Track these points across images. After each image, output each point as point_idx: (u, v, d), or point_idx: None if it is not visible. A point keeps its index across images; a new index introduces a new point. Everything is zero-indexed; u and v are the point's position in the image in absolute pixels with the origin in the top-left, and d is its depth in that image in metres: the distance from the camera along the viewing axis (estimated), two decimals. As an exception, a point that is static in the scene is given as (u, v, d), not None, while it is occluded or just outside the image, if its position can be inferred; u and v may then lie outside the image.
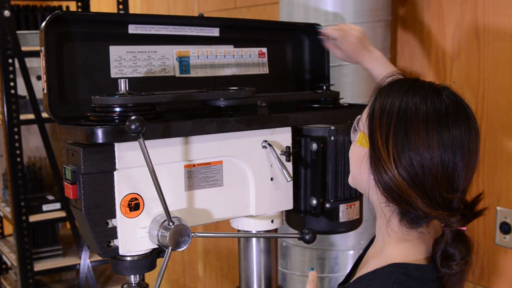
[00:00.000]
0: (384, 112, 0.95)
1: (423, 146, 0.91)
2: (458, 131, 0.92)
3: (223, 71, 1.43)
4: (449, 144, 0.91)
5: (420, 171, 0.91)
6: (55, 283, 3.18)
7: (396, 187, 0.93)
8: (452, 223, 0.92)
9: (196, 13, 2.75)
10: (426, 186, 0.92)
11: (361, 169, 1.00)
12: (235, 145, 1.21)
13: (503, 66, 1.69)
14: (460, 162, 0.92)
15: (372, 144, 0.96)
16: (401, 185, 0.92)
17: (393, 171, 0.92)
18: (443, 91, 0.96)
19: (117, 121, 1.07)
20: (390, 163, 0.92)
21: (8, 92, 2.62)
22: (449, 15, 1.82)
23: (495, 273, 1.76)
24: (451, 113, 0.93)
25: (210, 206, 1.20)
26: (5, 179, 3.11)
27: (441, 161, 0.91)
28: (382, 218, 1.01)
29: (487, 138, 1.75)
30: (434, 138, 0.91)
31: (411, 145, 0.91)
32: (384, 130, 0.94)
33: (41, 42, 1.14)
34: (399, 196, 0.93)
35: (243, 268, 1.36)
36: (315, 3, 1.72)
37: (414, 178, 0.92)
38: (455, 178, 0.93)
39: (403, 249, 0.99)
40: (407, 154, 0.91)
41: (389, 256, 0.99)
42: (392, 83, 1.00)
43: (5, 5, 2.57)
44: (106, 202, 1.06)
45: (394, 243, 0.99)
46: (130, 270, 1.12)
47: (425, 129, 0.91)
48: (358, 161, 1.01)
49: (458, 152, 0.92)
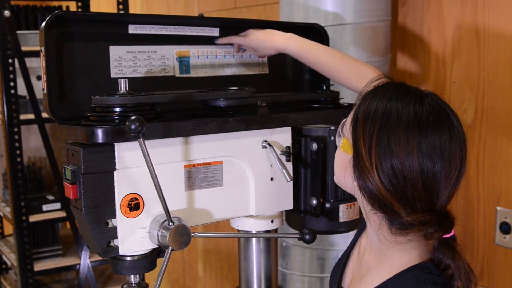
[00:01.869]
0: (367, 119, 0.94)
1: (403, 154, 0.89)
2: (438, 139, 0.90)
3: (223, 71, 1.43)
4: (429, 152, 0.90)
5: (402, 180, 0.90)
6: (55, 283, 3.18)
7: (380, 195, 0.91)
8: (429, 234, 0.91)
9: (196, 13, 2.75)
10: (408, 195, 0.90)
11: (345, 174, 0.99)
12: (235, 145, 1.21)
13: (503, 66, 1.69)
14: (441, 171, 0.90)
15: (356, 152, 0.95)
16: (384, 194, 0.91)
17: (376, 180, 0.91)
18: (426, 98, 0.94)
19: (117, 121, 1.07)
20: (373, 172, 0.91)
21: (8, 92, 2.62)
22: (449, 15, 1.82)
23: (495, 273, 1.76)
24: (432, 121, 0.91)
25: (210, 206, 1.20)
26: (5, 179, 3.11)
27: (420, 170, 0.90)
28: (372, 224, 1.00)
29: (487, 138, 1.75)
30: (414, 146, 0.89)
31: (393, 153, 0.90)
32: (367, 138, 0.93)
33: (41, 42, 1.14)
34: (383, 204, 0.92)
35: (243, 268, 1.36)
36: (315, 3, 1.72)
37: (396, 187, 0.90)
38: (434, 188, 0.91)
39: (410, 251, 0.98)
40: (389, 163, 0.90)
41: (400, 260, 0.98)
42: (376, 88, 0.98)
43: (5, 5, 2.57)
44: (106, 202, 1.06)
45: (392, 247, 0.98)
46: (130, 270, 1.12)
47: (406, 137, 0.90)
48: (342, 166, 1.00)
49: (438, 160, 0.90)
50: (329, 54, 1.36)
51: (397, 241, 0.96)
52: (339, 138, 1.03)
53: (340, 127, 1.04)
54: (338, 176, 1.03)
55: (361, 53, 1.75)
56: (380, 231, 0.98)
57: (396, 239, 0.96)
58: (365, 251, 1.08)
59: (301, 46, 1.38)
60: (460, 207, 1.81)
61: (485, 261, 1.78)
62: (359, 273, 1.08)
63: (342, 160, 1.00)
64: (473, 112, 1.77)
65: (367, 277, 1.03)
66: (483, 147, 1.76)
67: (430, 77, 1.89)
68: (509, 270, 1.73)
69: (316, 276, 1.84)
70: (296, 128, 1.34)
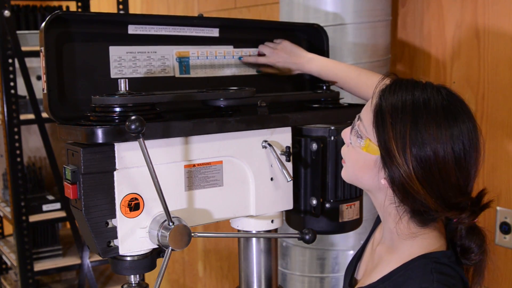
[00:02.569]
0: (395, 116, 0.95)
1: (437, 144, 0.92)
2: (465, 127, 0.94)
3: (223, 71, 1.43)
4: (459, 138, 0.93)
5: (436, 171, 0.93)
6: (55, 283, 3.18)
7: (410, 188, 0.93)
8: (463, 219, 0.94)
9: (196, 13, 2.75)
10: (440, 186, 0.93)
11: (369, 174, 1.01)
12: (235, 145, 1.21)
13: (503, 66, 1.69)
14: (471, 156, 0.95)
15: (386, 150, 0.95)
16: (416, 186, 0.93)
17: (411, 175, 0.93)
18: (441, 89, 0.98)
19: (117, 121, 1.07)
20: (407, 166, 0.93)
21: (8, 92, 2.62)
22: (449, 15, 1.82)
23: (495, 273, 1.76)
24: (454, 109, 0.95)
25: (210, 206, 1.20)
26: (5, 179, 3.11)
27: (454, 157, 0.93)
28: (391, 217, 1.02)
29: (487, 138, 1.75)
30: (446, 135, 0.92)
31: (426, 145, 0.92)
32: (398, 134, 0.94)
33: (41, 42, 1.14)
34: (412, 196, 0.94)
35: (243, 268, 1.36)
36: (315, 3, 1.72)
37: (429, 179, 0.93)
38: (468, 173, 0.95)
39: (420, 242, 1.01)
40: (424, 155, 0.92)
41: (410, 250, 1.01)
42: (392, 86, 0.99)
43: (5, 5, 2.57)
44: (106, 202, 1.06)
45: (406, 239, 1.01)
46: (130, 270, 1.12)
47: (437, 127, 0.93)
48: (364, 166, 1.01)
49: (467, 145, 0.94)
50: (347, 71, 1.41)
51: (414, 233, 1.00)
52: (358, 140, 1.02)
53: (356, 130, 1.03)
54: (359, 176, 1.04)
55: (361, 53, 1.75)
56: (399, 224, 1.01)
57: (414, 230, 1.00)
58: (378, 244, 1.12)
59: (322, 66, 1.43)
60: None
61: (485, 261, 1.78)
62: (372, 264, 1.11)
63: (364, 161, 1.01)
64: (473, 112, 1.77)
65: (378, 267, 1.06)
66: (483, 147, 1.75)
67: (430, 77, 1.89)
68: (509, 270, 1.73)
69: (316, 276, 1.84)
70: (296, 128, 1.34)
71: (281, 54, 1.46)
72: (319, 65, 1.44)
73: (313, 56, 1.45)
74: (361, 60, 1.75)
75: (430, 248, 1.00)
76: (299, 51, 1.47)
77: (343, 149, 1.09)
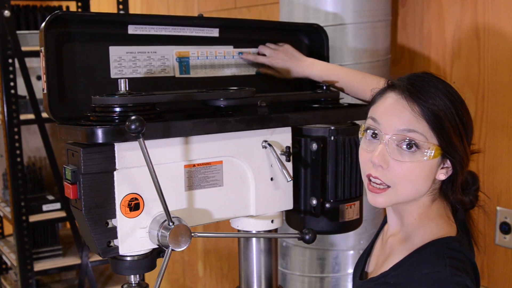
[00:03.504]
0: (448, 117, 1.00)
1: (468, 120, 1.04)
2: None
3: (223, 72, 1.43)
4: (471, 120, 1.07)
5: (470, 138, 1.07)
6: (55, 283, 3.18)
7: (467, 160, 1.04)
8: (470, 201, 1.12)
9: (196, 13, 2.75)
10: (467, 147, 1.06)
11: (428, 180, 1.02)
12: (235, 145, 1.21)
13: (503, 66, 1.69)
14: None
15: (450, 144, 1.00)
16: (468, 157, 1.04)
17: (466, 151, 1.03)
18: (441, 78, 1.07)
19: (117, 121, 1.07)
20: (466, 153, 1.03)
21: (8, 92, 2.61)
22: (449, 15, 1.82)
23: (495, 273, 1.76)
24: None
25: (210, 206, 1.20)
26: (5, 179, 3.11)
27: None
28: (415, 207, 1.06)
29: (487, 138, 1.75)
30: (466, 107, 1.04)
31: (467, 124, 1.04)
32: (456, 130, 1.01)
33: (41, 42, 1.14)
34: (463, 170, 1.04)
35: (243, 268, 1.36)
36: (315, 3, 1.71)
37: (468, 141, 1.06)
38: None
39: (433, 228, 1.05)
40: (468, 133, 1.04)
41: (422, 237, 1.04)
42: (425, 86, 1.01)
43: (5, 5, 2.57)
44: (106, 202, 1.06)
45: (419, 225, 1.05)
46: (130, 270, 1.12)
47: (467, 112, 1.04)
48: (429, 174, 1.01)
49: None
50: (351, 75, 1.41)
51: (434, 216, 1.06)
52: (420, 152, 0.99)
53: (410, 138, 0.99)
54: (420, 189, 1.02)
55: (361, 53, 1.75)
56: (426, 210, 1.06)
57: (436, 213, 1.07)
58: (389, 236, 1.14)
59: (324, 71, 1.43)
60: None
61: (485, 261, 1.78)
62: (383, 256, 1.13)
63: (429, 169, 1.01)
64: (473, 112, 1.77)
65: (390, 257, 1.08)
66: (483, 147, 1.75)
67: (430, 77, 1.89)
68: (509, 270, 1.73)
69: (316, 276, 1.84)
70: (296, 128, 1.34)
71: (281, 55, 1.46)
72: (321, 69, 1.44)
73: (314, 60, 1.46)
74: (361, 60, 1.75)
75: (440, 233, 1.03)
76: (300, 55, 1.47)
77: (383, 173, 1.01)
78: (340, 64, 1.73)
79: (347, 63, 1.73)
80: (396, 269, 1.03)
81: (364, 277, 1.17)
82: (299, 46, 1.56)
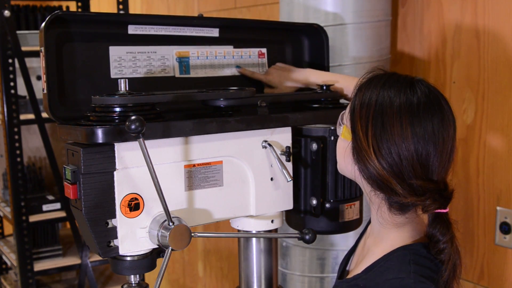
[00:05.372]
0: (363, 106, 1.01)
1: (398, 137, 0.96)
2: (430, 123, 0.97)
3: (223, 72, 1.43)
4: (422, 134, 0.97)
5: (398, 160, 0.97)
6: (55, 283, 3.18)
7: (378, 175, 0.98)
8: (427, 206, 0.97)
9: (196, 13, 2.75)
10: (404, 174, 0.97)
11: (345, 160, 1.06)
12: (235, 145, 1.21)
13: (503, 66, 1.69)
14: (434, 151, 0.97)
15: (354, 136, 1.02)
16: (382, 174, 0.97)
17: (374, 161, 0.98)
18: (417, 83, 1.01)
19: (117, 121, 1.07)
20: (370, 153, 0.98)
21: (8, 92, 2.62)
22: (449, 15, 1.82)
23: (495, 273, 1.76)
24: (423, 104, 0.98)
25: (210, 206, 1.20)
26: (5, 179, 3.11)
27: (415, 150, 0.96)
28: (373, 206, 1.06)
29: (487, 138, 1.75)
30: (408, 129, 0.96)
31: (388, 136, 0.97)
32: (364, 123, 1.00)
33: (41, 42, 1.14)
34: (382, 183, 0.98)
35: (243, 268, 1.36)
36: (315, 3, 1.72)
37: (393, 166, 0.97)
38: (429, 166, 0.98)
39: (402, 233, 1.04)
40: (386, 145, 0.97)
41: (392, 241, 1.04)
42: (371, 78, 1.05)
43: (5, 5, 2.57)
44: (106, 202, 1.06)
45: (390, 228, 1.04)
46: (130, 270, 1.12)
47: (399, 121, 0.97)
48: (342, 152, 1.07)
49: (431, 141, 0.97)
50: (349, 81, 1.43)
51: (395, 222, 1.03)
52: (339, 127, 1.10)
53: (340, 117, 1.11)
54: (340, 163, 1.10)
55: (361, 53, 1.75)
56: (380, 212, 1.04)
57: (394, 219, 1.03)
58: (368, 236, 1.15)
59: (320, 79, 1.45)
60: (460, 207, 1.81)
61: (485, 261, 1.78)
62: (362, 256, 1.13)
63: (342, 147, 1.07)
64: (473, 112, 1.77)
65: (365, 259, 1.08)
66: (483, 147, 1.76)
67: (430, 77, 1.89)
68: (509, 270, 1.73)
69: (316, 276, 1.84)
70: (296, 128, 1.34)
71: (274, 71, 1.49)
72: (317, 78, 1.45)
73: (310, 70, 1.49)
74: (361, 60, 1.75)
75: (411, 239, 1.03)
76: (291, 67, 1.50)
77: None
78: (340, 65, 1.73)
79: (347, 63, 1.73)
80: (367, 272, 1.03)
81: (344, 276, 1.17)
82: (299, 46, 1.56)
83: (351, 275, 1.09)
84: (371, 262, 1.04)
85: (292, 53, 1.56)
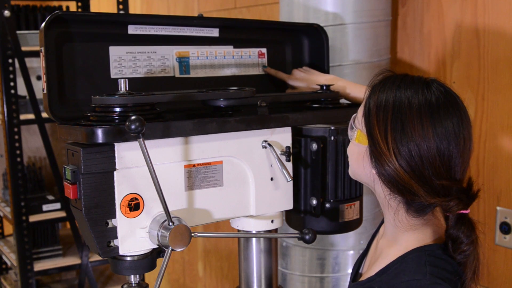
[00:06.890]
0: (380, 108, 0.99)
1: (419, 137, 0.95)
2: (451, 122, 0.96)
3: (223, 72, 1.43)
4: (443, 134, 0.96)
5: (419, 161, 0.95)
6: (55, 283, 3.18)
7: (398, 178, 0.96)
8: (451, 207, 0.96)
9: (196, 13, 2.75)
10: (425, 175, 0.95)
11: (363, 165, 1.03)
12: (235, 145, 1.21)
13: (503, 66, 1.69)
14: (455, 150, 0.96)
15: (372, 140, 0.99)
16: (402, 176, 0.96)
17: (394, 163, 0.96)
18: (432, 83, 1.00)
19: (117, 121, 1.07)
20: (390, 156, 0.96)
21: (8, 92, 2.62)
22: (449, 15, 1.82)
23: (495, 273, 1.76)
24: (442, 104, 0.97)
25: (210, 206, 1.20)
26: (5, 179, 3.11)
27: (437, 150, 0.95)
28: (389, 209, 1.04)
29: (487, 138, 1.75)
30: (429, 130, 0.95)
31: (408, 137, 0.95)
32: (382, 125, 0.98)
33: (41, 42, 1.14)
34: (402, 186, 0.97)
35: (243, 268, 1.36)
36: (315, 3, 1.71)
37: (414, 168, 0.95)
38: (451, 166, 0.97)
39: (417, 235, 1.03)
40: (406, 146, 0.95)
41: (407, 243, 1.03)
42: (383, 80, 1.03)
43: (5, 5, 2.57)
44: (106, 202, 1.06)
45: (406, 231, 1.03)
46: (130, 270, 1.12)
47: (420, 121, 0.95)
48: (358, 158, 1.04)
49: (453, 141, 0.96)
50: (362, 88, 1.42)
51: (412, 224, 1.02)
52: (352, 132, 1.08)
53: (352, 120, 1.08)
54: (355, 168, 1.07)
55: (361, 53, 1.75)
56: (397, 216, 1.02)
57: (412, 222, 1.02)
58: (380, 237, 1.14)
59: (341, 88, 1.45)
60: (460, 207, 1.81)
61: (485, 261, 1.78)
62: (374, 258, 1.12)
63: (357, 152, 1.05)
64: (473, 112, 1.77)
65: (378, 261, 1.08)
66: (483, 147, 1.76)
67: (430, 77, 1.89)
68: (509, 270, 1.73)
69: (316, 276, 1.84)
70: (296, 128, 1.34)
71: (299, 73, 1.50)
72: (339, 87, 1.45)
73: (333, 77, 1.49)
74: (361, 60, 1.75)
75: (426, 241, 1.02)
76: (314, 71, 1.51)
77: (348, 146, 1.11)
78: (340, 64, 1.73)
79: (347, 63, 1.73)
80: (381, 274, 1.02)
81: (358, 278, 1.17)
82: (299, 46, 1.56)
83: (364, 278, 1.08)
84: (385, 264, 1.03)
85: (292, 53, 1.56)
